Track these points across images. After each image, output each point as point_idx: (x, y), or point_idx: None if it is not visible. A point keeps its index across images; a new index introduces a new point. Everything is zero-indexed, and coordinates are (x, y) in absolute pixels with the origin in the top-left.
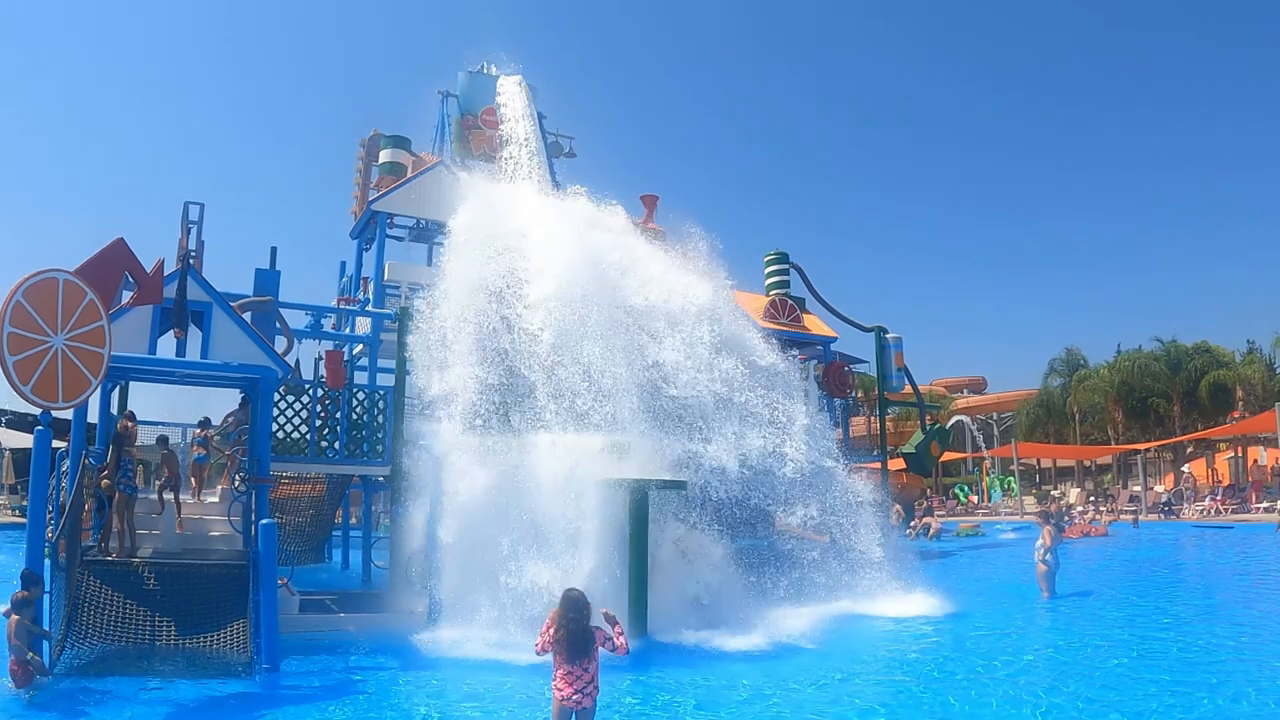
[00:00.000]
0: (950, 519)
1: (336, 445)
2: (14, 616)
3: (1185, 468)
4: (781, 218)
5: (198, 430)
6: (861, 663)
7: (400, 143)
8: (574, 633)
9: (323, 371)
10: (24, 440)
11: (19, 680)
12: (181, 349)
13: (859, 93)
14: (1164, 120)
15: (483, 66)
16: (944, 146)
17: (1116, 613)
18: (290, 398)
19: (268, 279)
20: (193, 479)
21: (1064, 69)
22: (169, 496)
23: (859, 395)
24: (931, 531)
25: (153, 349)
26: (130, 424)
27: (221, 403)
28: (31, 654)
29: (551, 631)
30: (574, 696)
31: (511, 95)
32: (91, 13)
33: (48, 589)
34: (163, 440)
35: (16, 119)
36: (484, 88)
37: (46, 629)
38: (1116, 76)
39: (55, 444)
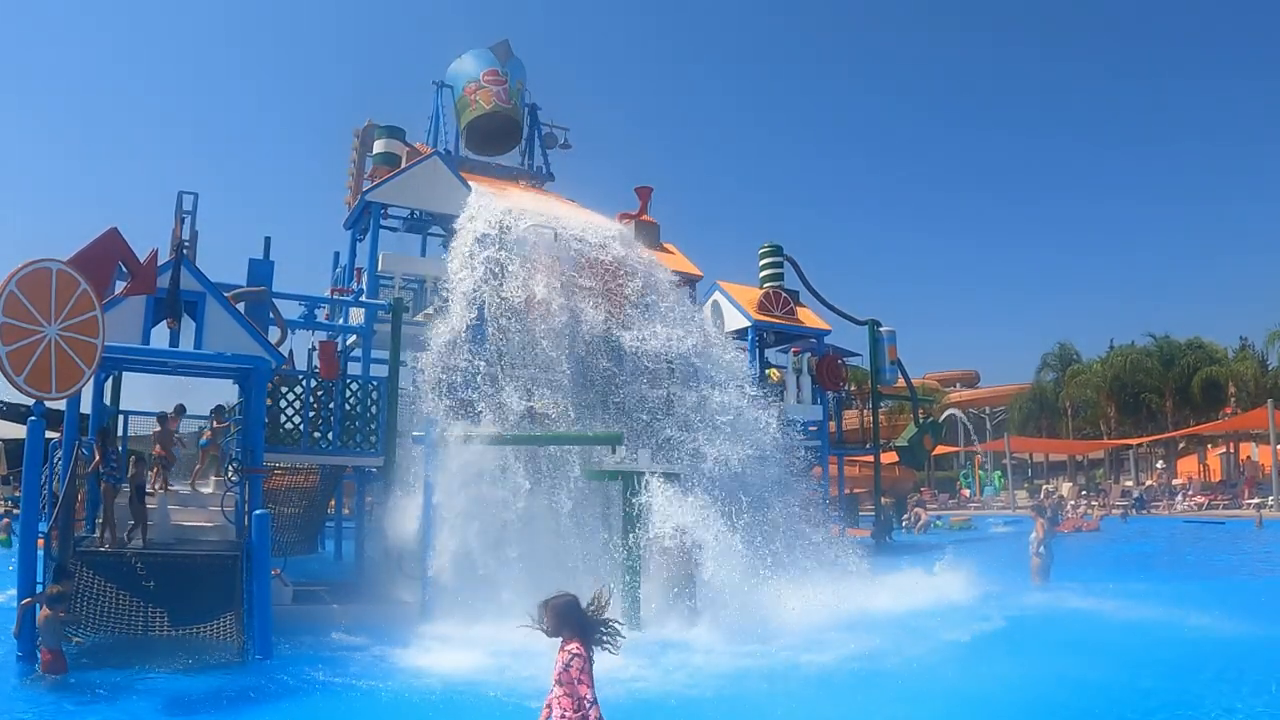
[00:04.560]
0: (943, 512)
1: (330, 436)
2: (45, 610)
3: (1159, 464)
4: (778, 213)
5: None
6: (869, 661)
7: (395, 133)
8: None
9: (316, 362)
10: (16, 430)
11: (55, 669)
12: (175, 339)
13: (856, 86)
14: (1159, 115)
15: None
16: (942, 144)
17: (1110, 607)
18: (284, 388)
19: (261, 269)
20: (198, 463)
21: (1061, 62)
22: (158, 486)
23: (852, 388)
24: (920, 524)
25: (146, 339)
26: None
27: (216, 394)
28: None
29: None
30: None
31: None
32: (87, 2)
33: (40, 579)
34: (162, 418)
35: (10, 110)
36: (481, 58)
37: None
38: (1109, 74)
39: (48, 434)
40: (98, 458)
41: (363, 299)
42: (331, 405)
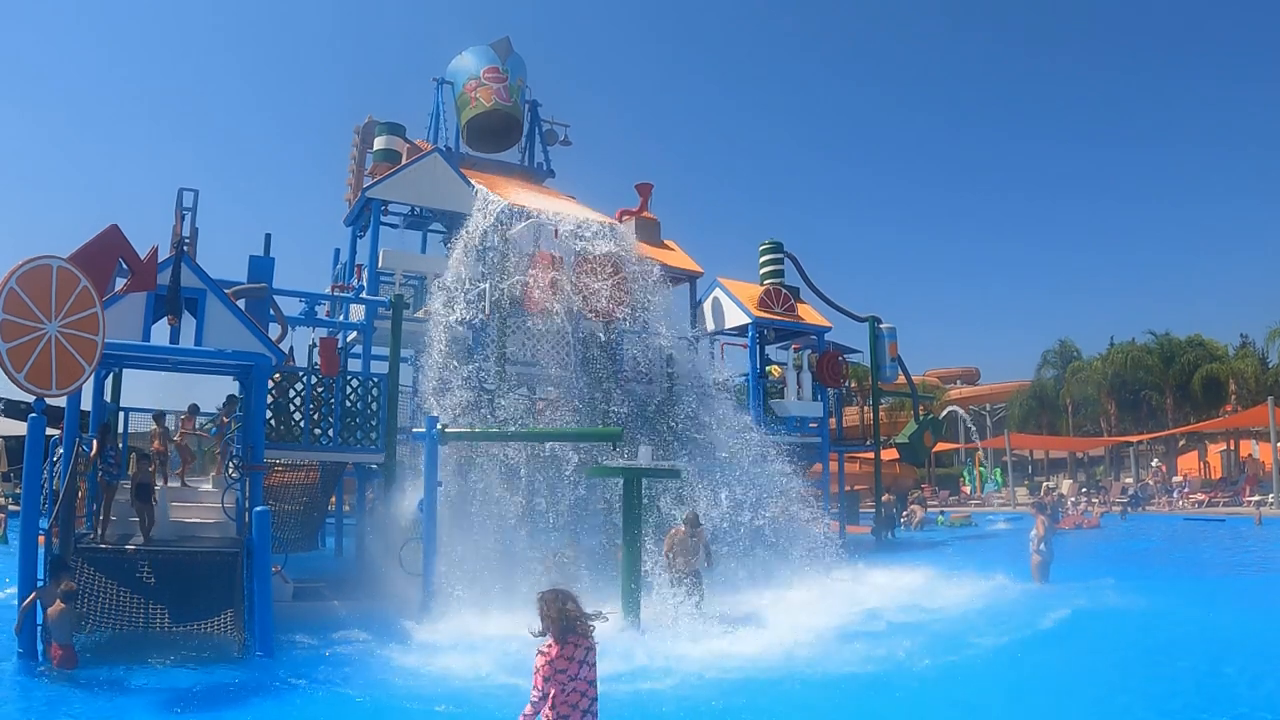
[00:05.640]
0: (943, 509)
1: (330, 433)
2: (58, 604)
3: (1155, 461)
4: (778, 210)
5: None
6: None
7: (395, 129)
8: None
9: (317, 359)
10: (17, 427)
11: (66, 663)
12: (175, 336)
13: (856, 84)
14: (1159, 115)
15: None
16: (943, 142)
17: (1108, 603)
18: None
19: (262, 266)
20: (215, 448)
21: (1061, 61)
22: (159, 484)
23: (852, 385)
24: (916, 521)
25: (147, 336)
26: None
27: (216, 391)
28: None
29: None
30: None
31: None
32: None
33: (41, 577)
34: (159, 416)
35: (11, 106)
36: (482, 56)
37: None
38: (1109, 74)
39: (49, 431)
40: (94, 453)
41: (363, 295)
42: (332, 402)
